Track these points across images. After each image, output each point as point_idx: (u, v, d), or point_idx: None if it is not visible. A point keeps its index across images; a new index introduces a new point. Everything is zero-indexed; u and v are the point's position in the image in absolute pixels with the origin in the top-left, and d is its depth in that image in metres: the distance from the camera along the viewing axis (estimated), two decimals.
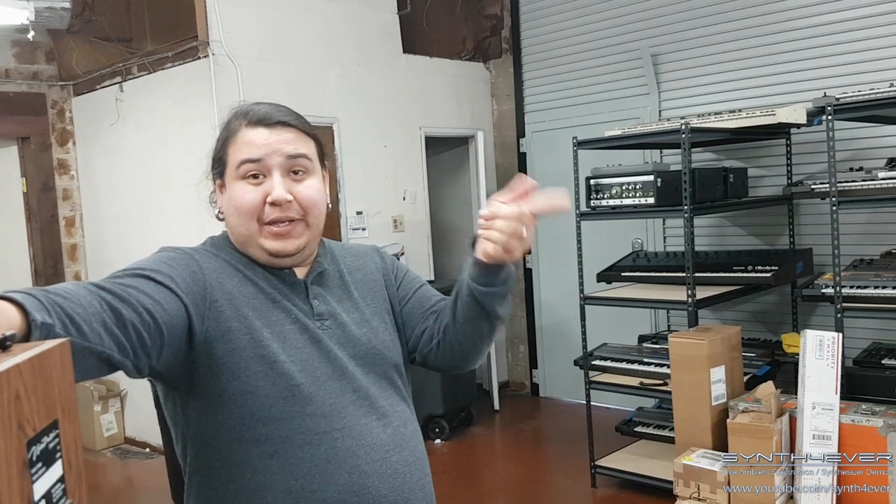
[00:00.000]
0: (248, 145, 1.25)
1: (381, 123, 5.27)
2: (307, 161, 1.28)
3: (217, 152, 1.30)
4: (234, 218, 1.26)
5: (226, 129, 1.30)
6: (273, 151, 1.24)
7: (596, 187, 4.12)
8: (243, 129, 1.26)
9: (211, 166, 1.33)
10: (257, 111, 1.28)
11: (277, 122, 1.27)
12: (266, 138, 1.25)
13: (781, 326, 4.57)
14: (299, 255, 1.28)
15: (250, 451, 1.19)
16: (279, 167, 1.25)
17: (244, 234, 1.26)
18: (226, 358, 1.17)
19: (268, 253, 1.26)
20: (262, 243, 1.25)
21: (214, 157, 1.31)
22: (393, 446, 1.26)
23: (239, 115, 1.30)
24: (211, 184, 1.35)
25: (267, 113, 1.28)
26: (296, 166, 1.27)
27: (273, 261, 1.27)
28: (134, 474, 4.94)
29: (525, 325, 6.06)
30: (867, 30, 4.20)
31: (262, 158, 1.24)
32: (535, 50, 5.82)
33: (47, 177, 5.37)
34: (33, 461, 0.64)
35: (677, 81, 5.02)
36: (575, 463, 4.38)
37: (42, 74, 5.33)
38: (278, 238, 1.25)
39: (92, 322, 0.93)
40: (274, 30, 4.69)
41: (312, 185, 1.28)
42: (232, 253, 1.29)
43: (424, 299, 1.43)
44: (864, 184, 3.27)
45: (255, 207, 1.23)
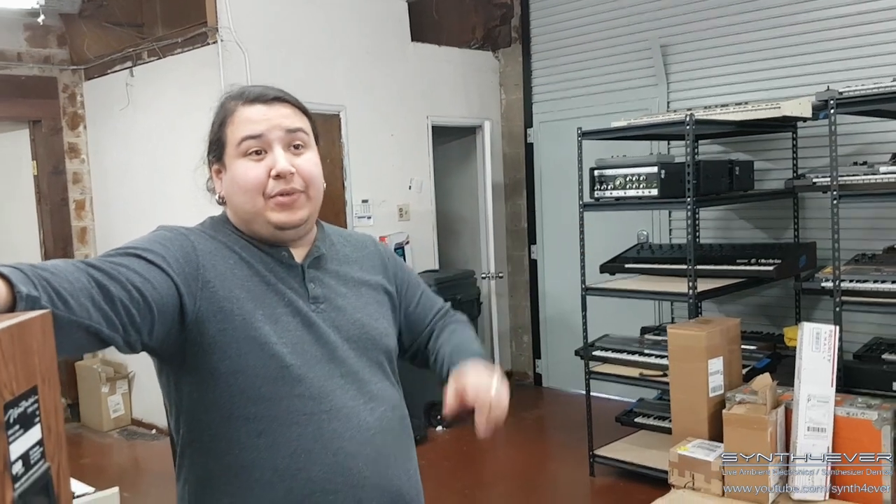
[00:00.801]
0: (247, 122, 1.27)
1: (388, 112, 5.28)
2: (304, 135, 1.31)
3: (214, 135, 1.32)
4: (238, 196, 1.28)
5: (221, 111, 1.33)
6: (273, 126, 1.27)
7: (600, 178, 4.12)
8: (240, 108, 1.29)
9: (207, 151, 1.35)
10: (252, 90, 1.31)
11: (273, 97, 1.30)
12: (265, 114, 1.28)
13: (784, 320, 4.57)
14: (302, 227, 1.30)
15: (239, 429, 1.22)
16: (280, 141, 1.27)
17: (250, 211, 1.28)
18: (217, 337, 1.19)
19: (274, 226, 1.27)
20: (268, 217, 1.27)
21: (212, 141, 1.33)
22: (379, 429, 1.29)
23: (232, 96, 1.32)
24: (207, 171, 1.37)
25: (262, 91, 1.31)
26: (295, 140, 1.29)
27: (278, 234, 1.29)
28: (140, 455, 5.01)
29: (529, 315, 6.08)
30: (874, 24, 4.17)
31: (263, 133, 1.27)
32: (545, 39, 5.81)
33: (58, 160, 5.43)
34: (10, 423, 0.67)
35: (686, 73, 5.00)
36: (574, 452, 4.41)
37: (54, 58, 5.37)
38: (284, 209, 1.27)
39: (79, 296, 0.96)
40: (282, 17, 4.72)
41: (311, 159, 1.31)
42: (230, 234, 1.30)
43: (426, 311, 1.52)
44: (865, 178, 3.27)
45: (261, 182, 1.26)
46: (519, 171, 6.06)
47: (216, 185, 1.35)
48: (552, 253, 5.86)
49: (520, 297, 6.16)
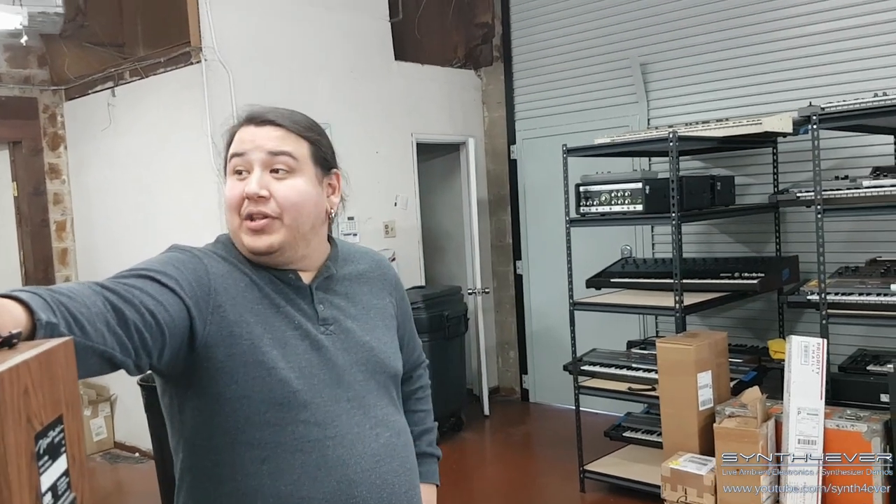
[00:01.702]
0: (238, 142, 1.29)
1: (372, 130, 5.29)
2: (290, 160, 1.27)
3: (225, 149, 1.34)
4: (226, 213, 1.29)
5: (230, 129, 1.34)
6: (255, 147, 1.26)
7: (585, 194, 4.16)
8: (239, 129, 1.30)
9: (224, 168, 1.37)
10: (252, 111, 1.31)
11: (265, 120, 1.29)
12: (252, 134, 1.28)
13: (768, 333, 4.62)
14: (278, 254, 1.27)
15: (243, 455, 1.21)
16: (259, 162, 1.26)
17: (231, 230, 1.29)
18: (225, 362, 1.18)
19: (248, 249, 1.27)
20: (242, 238, 1.27)
21: (224, 157, 1.35)
22: (384, 456, 1.28)
23: (240, 117, 1.34)
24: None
25: (259, 112, 1.30)
26: (276, 163, 1.26)
27: (253, 257, 1.28)
28: (124, 479, 4.93)
29: (515, 330, 6.09)
30: (852, 40, 4.26)
31: (245, 153, 1.27)
32: (526, 58, 5.86)
33: (38, 181, 5.37)
34: (40, 454, 0.67)
35: (666, 90, 5.07)
36: (564, 467, 4.41)
37: (34, 79, 5.33)
38: (252, 234, 1.25)
39: (95, 321, 0.95)
40: (266, 36, 4.72)
41: (293, 185, 1.27)
42: (240, 255, 1.29)
43: (408, 355, 1.54)
44: (848, 192, 3.32)
45: (237, 201, 1.25)
46: (503, 187, 6.09)
47: None
48: (537, 268, 5.88)
49: (505, 313, 6.17)
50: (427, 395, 1.67)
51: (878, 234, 4.18)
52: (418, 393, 1.64)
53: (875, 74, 4.16)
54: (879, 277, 3.46)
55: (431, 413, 1.68)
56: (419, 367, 1.65)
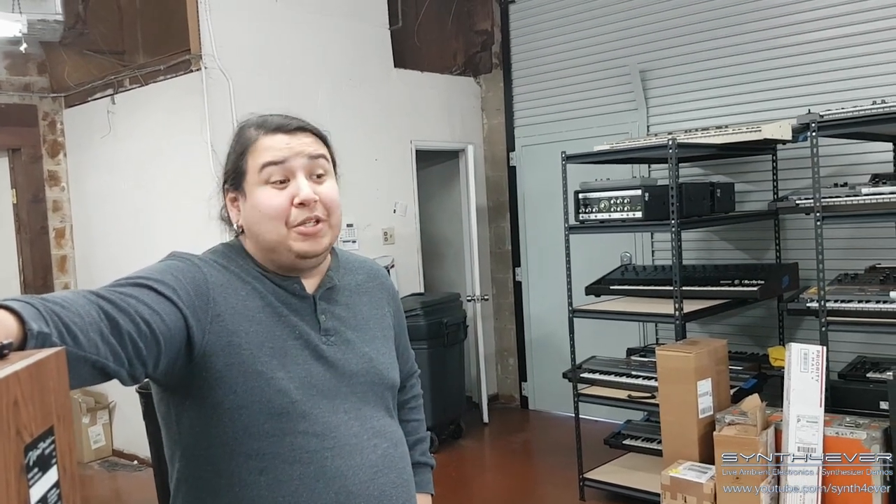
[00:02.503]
0: (269, 150, 1.26)
1: (372, 137, 5.30)
2: (326, 163, 1.31)
3: (233, 164, 1.30)
4: (261, 224, 1.25)
5: (240, 141, 1.31)
6: (296, 154, 1.26)
7: (584, 201, 4.15)
8: (262, 138, 1.28)
9: (224, 180, 1.32)
10: (273, 120, 1.30)
11: (296, 127, 1.30)
12: (288, 142, 1.27)
13: (768, 340, 4.61)
14: (322, 255, 1.30)
15: (240, 466, 1.20)
16: (302, 169, 1.26)
17: (272, 240, 1.25)
18: (224, 372, 1.18)
19: (296, 255, 1.26)
20: (291, 246, 1.25)
21: (229, 170, 1.31)
22: (382, 467, 1.28)
23: (252, 125, 1.31)
24: (222, 200, 1.34)
25: (284, 121, 1.30)
26: (317, 168, 1.29)
27: (298, 263, 1.27)
28: (122, 487, 4.91)
29: (514, 338, 6.08)
30: (852, 48, 4.26)
31: (287, 160, 1.26)
32: (525, 65, 5.87)
33: (38, 188, 5.37)
34: (30, 466, 0.66)
35: (665, 97, 5.07)
36: (564, 475, 4.39)
37: (34, 86, 5.34)
38: (308, 239, 1.25)
39: (88, 331, 0.94)
40: (266, 43, 4.73)
41: (333, 187, 1.31)
42: (243, 264, 1.28)
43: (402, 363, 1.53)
44: (847, 199, 3.32)
45: (284, 210, 1.24)
46: (502, 194, 6.09)
47: (233, 215, 1.32)
48: (537, 275, 5.87)
49: (505, 320, 6.16)
50: (420, 405, 1.66)
51: (877, 241, 4.17)
52: (411, 402, 1.63)
53: (874, 82, 4.16)
54: (879, 284, 3.46)
55: (424, 423, 1.67)
56: (412, 377, 1.64)
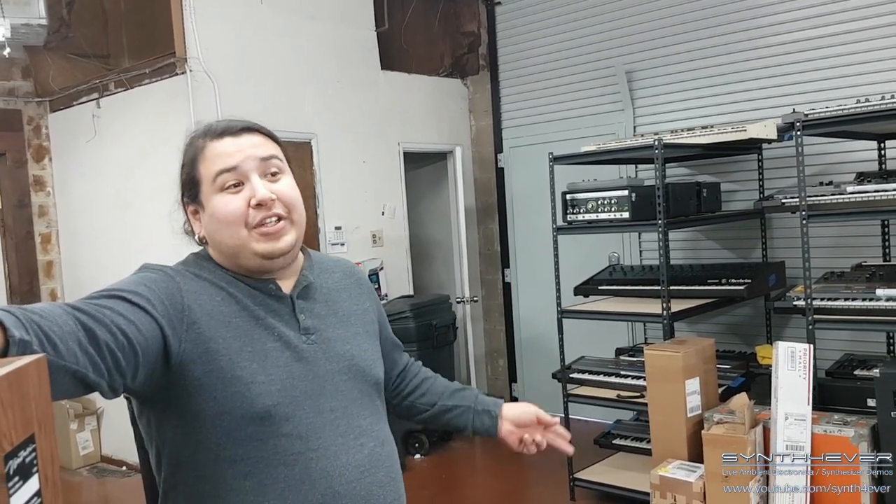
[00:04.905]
0: (219, 156, 1.26)
1: (359, 139, 5.29)
2: (279, 161, 1.30)
3: (187, 175, 1.30)
4: (221, 231, 1.26)
5: (190, 150, 1.30)
6: (246, 157, 1.26)
7: (572, 202, 4.16)
8: (210, 144, 1.27)
9: (181, 193, 1.32)
10: (217, 125, 1.30)
11: (241, 128, 1.29)
12: (236, 145, 1.26)
13: (755, 338, 4.63)
14: (290, 254, 1.29)
15: (225, 471, 1.20)
16: (255, 170, 1.26)
17: (234, 245, 1.26)
18: (203, 379, 1.17)
19: (260, 256, 1.26)
20: (253, 248, 1.25)
21: (184, 182, 1.30)
22: (368, 467, 1.28)
23: (198, 135, 1.31)
24: (182, 213, 1.34)
25: (228, 124, 1.30)
26: (270, 167, 1.28)
27: (265, 264, 1.27)
28: (111, 493, 4.88)
29: (504, 339, 6.09)
30: (836, 47, 4.29)
31: (238, 165, 1.25)
32: (512, 67, 5.88)
33: (23, 193, 5.33)
34: (10, 475, 0.65)
35: (651, 98, 5.09)
36: (554, 476, 4.39)
37: (18, 90, 5.30)
38: (269, 238, 1.25)
39: (67, 341, 0.94)
40: (252, 46, 4.71)
41: (290, 184, 1.30)
42: (214, 271, 1.28)
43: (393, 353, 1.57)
44: (833, 198, 3.34)
45: (241, 214, 1.24)
46: (490, 195, 6.09)
47: (194, 226, 1.32)
48: (525, 276, 5.88)
49: (494, 321, 6.17)
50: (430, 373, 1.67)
51: (862, 239, 4.20)
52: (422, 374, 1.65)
53: (858, 81, 4.19)
54: (865, 282, 3.48)
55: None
56: (411, 364, 1.66)
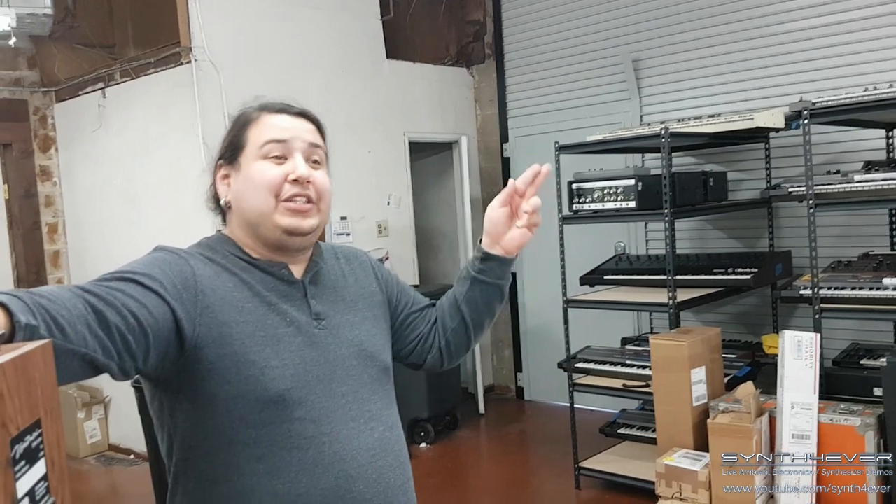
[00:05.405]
0: (273, 127, 1.30)
1: (364, 129, 5.28)
2: (322, 153, 1.35)
3: (232, 138, 1.33)
4: (250, 195, 1.28)
5: (241, 118, 1.34)
6: (297, 136, 1.31)
7: (578, 191, 4.15)
8: (266, 115, 1.32)
9: (219, 155, 1.35)
10: (276, 104, 1.35)
11: (299, 112, 1.35)
12: (291, 123, 1.32)
13: (762, 328, 4.62)
14: (308, 237, 1.31)
15: (238, 455, 1.20)
16: (301, 151, 1.30)
17: (259, 212, 1.27)
18: (217, 363, 1.18)
19: (282, 230, 1.27)
20: (277, 220, 1.26)
21: (226, 145, 1.33)
22: (379, 450, 1.28)
23: (254, 107, 1.35)
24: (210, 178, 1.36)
25: (288, 105, 1.35)
26: (314, 154, 1.33)
27: (284, 240, 1.28)
28: (118, 482, 4.91)
29: (510, 328, 6.09)
30: (844, 35, 4.26)
31: (288, 140, 1.30)
32: (518, 55, 5.86)
33: (29, 183, 5.34)
34: (16, 459, 0.66)
35: (658, 87, 5.07)
36: (559, 465, 4.41)
37: (24, 81, 5.30)
38: (296, 215, 1.27)
39: (76, 324, 0.94)
40: (257, 36, 4.70)
41: (326, 176, 1.34)
42: (228, 255, 1.28)
43: (417, 305, 1.53)
44: (840, 186, 3.32)
45: (277, 183, 1.27)
46: (496, 185, 6.08)
47: (220, 190, 1.34)
48: (531, 266, 5.87)
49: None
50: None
51: (870, 228, 4.18)
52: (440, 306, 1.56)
53: (866, 69, 4.16)
54: (872, 271, 3.46)
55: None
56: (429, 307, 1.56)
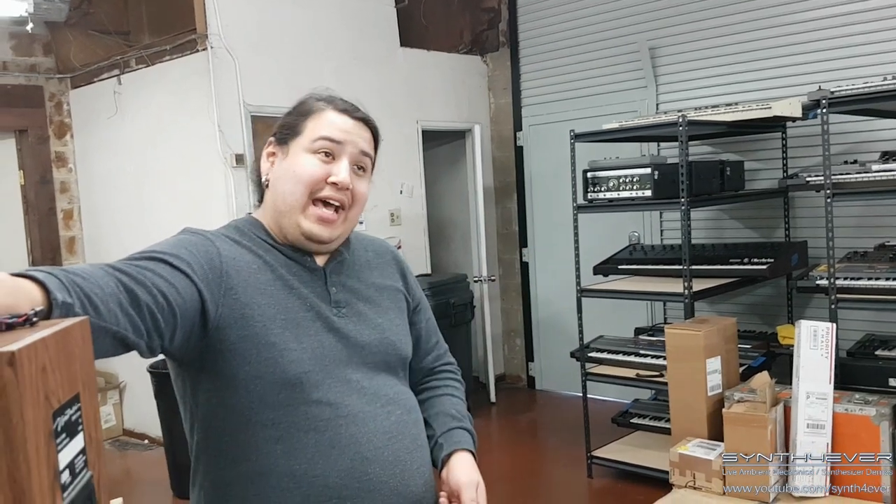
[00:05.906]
0: (331, 125, 1.30)
1: (377, 116, 5.10)
2: (369, 162, 1.35)
3: (292, 120, 1.33)
4: (287, 183, 1.28)
5: (306, 105, 1.35)
6: (351, 141, 1.31)
7: (593, 180, 4.14)
8: (329, 111, 1.32)
9: (275, 131, 1.36)
10: (342, 102, 1.35)
11: (361, 118, 1.35)
12: (350, 126, 1.32)
13: (777, 318, 4.61)
14: (331, 244, 1.32)
15: (257, 435, 1.21)
16: (350, 156, 1.31)
17: (289, 203, 1.28)
18: (238, 344, 1.19)
19: (301, 232, 1.28)
20: (300, 221, 1.27)
21: (284, 124, 1.34)
22: (395, 434, 1.29)
23: (321, 99, 1.35)
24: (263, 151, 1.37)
25: (352, 106, 1.35)
26: (361, 163, 1.33)
27: (300, 239, 1.29)
28: (133, 466, 4.96)
29: (521, 318, 6.09)
30: (862, 24, 4.22)
31: (343, 142, 1.30)
32: (532, 43, 5.83)
33: (45, 169, 5.37)
34: (58, 432, 0.67)
35: (674, 75, 5.04)
36: (571, 454, 4.42)
37: (40, 67, 5.32)
38: (320, 223, 1.28)
39: (108, 302, 0.95)
40: (271, 22, 4.70)
41: (366, 187, 1.34)
42: (255, 238, 1.30)
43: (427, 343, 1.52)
44: (858, 176, 3.30)
45: (315, 180, 1.27)
46: (509, 174, 6.07)
47: (264, 167, 1.35)
48: (543, 255, 5.87)
49: (512, 300, 6.17)
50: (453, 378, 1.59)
51: (887, 219, 4.15)
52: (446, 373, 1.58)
53: (885, 58, 4.13)
54: (888, 262, 3.44)
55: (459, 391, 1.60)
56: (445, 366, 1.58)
